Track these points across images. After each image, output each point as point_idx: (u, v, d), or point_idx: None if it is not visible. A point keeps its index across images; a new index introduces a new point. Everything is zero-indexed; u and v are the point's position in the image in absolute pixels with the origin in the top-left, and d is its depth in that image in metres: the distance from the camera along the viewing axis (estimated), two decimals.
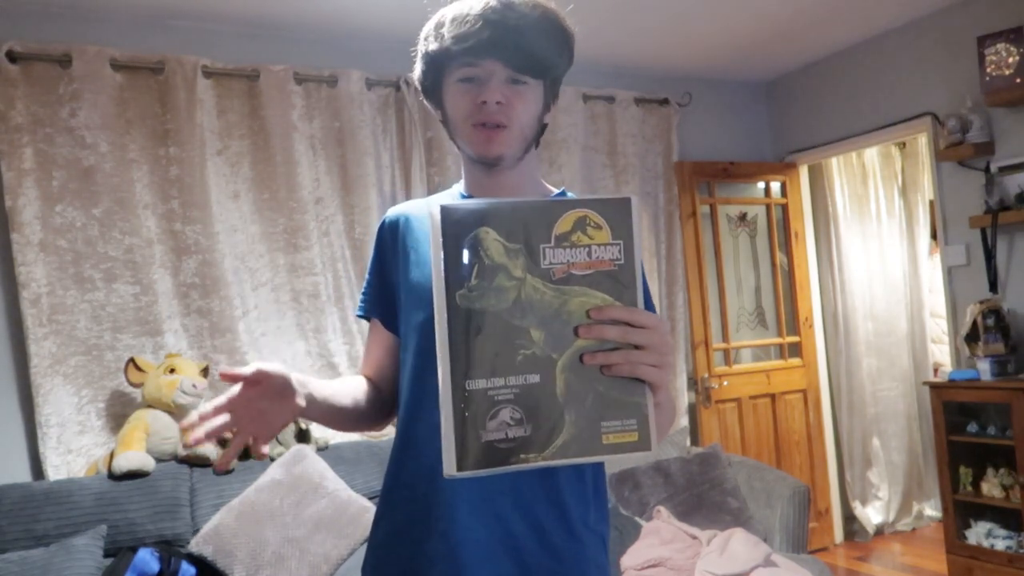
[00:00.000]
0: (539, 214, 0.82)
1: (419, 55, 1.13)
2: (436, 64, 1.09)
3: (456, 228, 0.80)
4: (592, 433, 0.82)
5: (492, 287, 0.81)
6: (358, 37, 3.24)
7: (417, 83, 1.16)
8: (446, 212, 0.81)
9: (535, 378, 0.81)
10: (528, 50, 1.04)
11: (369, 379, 1.19)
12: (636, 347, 0.82)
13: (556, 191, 1.20)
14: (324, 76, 3.13)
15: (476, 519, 1.02)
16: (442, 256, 0.80)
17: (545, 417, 0.81)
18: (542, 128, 1.15)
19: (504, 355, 0.81)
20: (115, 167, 2.77)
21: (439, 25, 1.08)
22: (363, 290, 1.22)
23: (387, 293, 1.18)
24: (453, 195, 1.21)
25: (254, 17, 2.99)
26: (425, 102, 1.18)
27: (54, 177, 2.68)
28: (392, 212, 1.20)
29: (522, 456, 0.81)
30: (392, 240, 1.17)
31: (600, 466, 1.13)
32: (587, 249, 0.82)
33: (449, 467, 0.80)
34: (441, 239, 0.80)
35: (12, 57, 2.63)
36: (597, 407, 0.82)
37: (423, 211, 1.17)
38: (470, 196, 1.17)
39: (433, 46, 1.08)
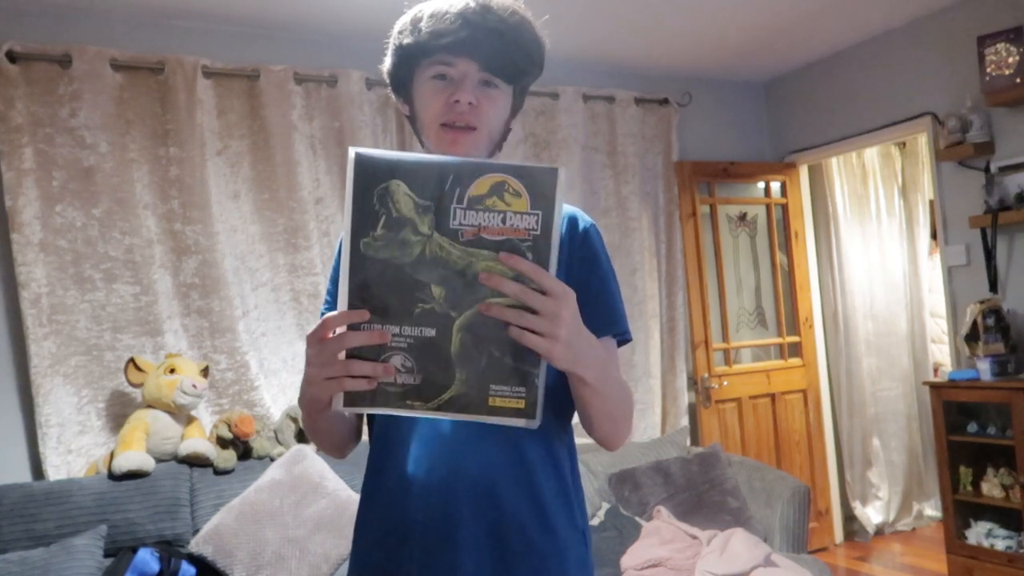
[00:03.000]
0: (455, 173, 0.82)
1: (391, 48, 1.12)
2: (409, 58, 1.09)
3: (367, 177, 0.82)
4: (480, 393, 0.84)
5: (397, 239, 0.82)
6: (358, 37, 3.23)
7: (386, 76, 1.16)
8: (360, 159, 0.81)
9: (431, 332, 0.83)
10: (504, 54, 1.05)
11: None
12: (533, 312, 0.82)
13: None
14: (324, 76, 3.13)
15: (455, 519, 1.02)
16: (350, 201, 0.82)
17: (435, 370, 0.84)
18: (506, 133, 1.16)
19: (402, 305, 0.83)
20: (115, 167, 2.77)
21: (416, 20, 1.07)
22: (326, 302, 1.19)
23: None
24: None
25: (254, 17, 2.99)
26: (392, 96, 1.17)
27: (54, 177, 2.68)
28: None
29: (408, 402, 0.84)
30: None
31: (575, 461, 1.13)
32: (501, 215, 0.81)
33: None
34: (352, 185, 0.82)
35: (12, 57, 2.63)
36: (489, 369, 0.84)
37: None
38: None
39: (408, 40, 1.08)
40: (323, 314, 1.16)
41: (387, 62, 1.14)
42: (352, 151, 0.82)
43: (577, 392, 0.97)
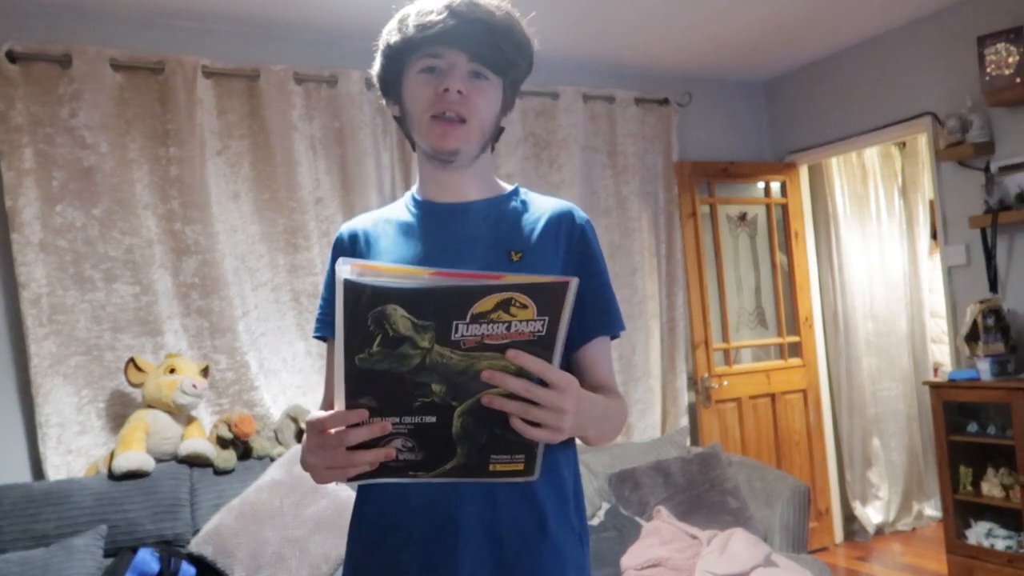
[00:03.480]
0: (457, 298, 0.80)
1: (379, 50, 1.13)
2: (397, 56, 1.09)
3: (359, 303, 0.79)
4: (480, 462, 0.86)
5: (395, 353, 0.81)
6: (358, 37, 3.23)
7: (375, 78, 1.16)
8: (350, 287, 0.78)
9: (431, 419, 0.84)
10: (492, 44, 1.05)
11: None
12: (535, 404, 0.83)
13: (509, 188, 1.20)
14: (324, 76, 3.13)
15: (454, 521, 1.02)
16: (341, 321, 0.79)
17: (436, 448, 0.85)
18: (499, 131, 1.16)
19: (401, 400, 0.83)
20: (115, 167, 2.77)
21: (403, 18, 1.09)
22: (320, 307, 1.18)
23: None
24: (406, 202, 1.20)
25: (254, 17, 2.99)
26: (382, 100, 1.17)
27: (54, 177, 2.68)
28: (346, 227, 1.19)
29: (410, 474, 0.87)
30: (351, 251, 1.15)
31: (575, 461, 1.14)
32: (507, 324, 0.80)
33: (341, 479, 0.89)
34: (343, 308, 0.79)
35: (12, 57, 2.63)
36: (490, 444, 0.85)
37: (376, 222, 1.18)
38: (423, 200, 1.17)
39: (395, 38, 1.09)
40: (319, 318, 1.16)
41: (376, 65, 1.15)
42: (341, 276, 0.78)
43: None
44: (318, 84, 3.13)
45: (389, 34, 1.10)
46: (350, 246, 1.16)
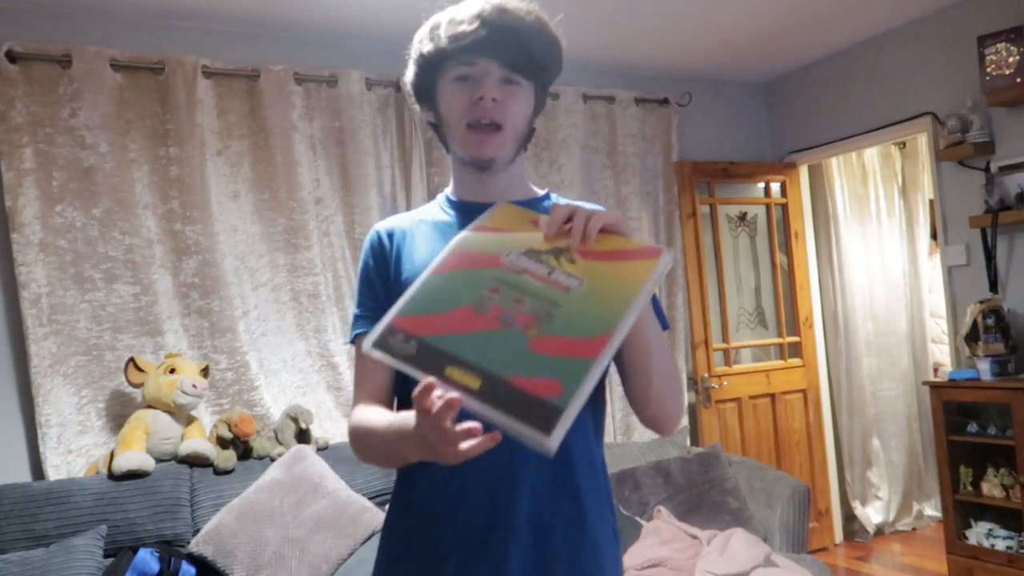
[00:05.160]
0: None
1: (412, 58, 1.14)
2: (431, 65, 1.11)
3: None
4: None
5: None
6: (358, 37, 3.24)
7: (409, 87, 1.18)
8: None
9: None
10: (523, 50, 1.07)
11: (380, 407, 1.11)
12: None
13: (541, 193, 1.22)
14: (324, 76, 3.13)
15: (498, 515, 1.02)
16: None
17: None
18: (531, 133, 1.17)
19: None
20: (115, 167, 2.77)
21: (434, 27, 1.10)
22: (357, 309, 1.15)
23: (391, 302, 1.13)
24: (439, 203, 1.20)
25: (254, 17, 2.99)
26: (416, 107, 1.18)
27: (54, 177, 2.68)
28: (382, 226, 1.18)
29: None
30: (389, 247, 1.14)
31: (604, 458, 1.15)
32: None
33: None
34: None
35: (12, 57, 2.63)
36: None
37: (411, 222, 1.18)
38: (458, 201, 1.18)
39: (428, 47, 1.10)
40: (357, 316, 1.14)
41: (409, 73, 1.16)
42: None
43: (633, 360, 1.03)
44: (318, 84, 3.13)
45: (421, 43, 1.12)
46: (388, 243, 1.15)
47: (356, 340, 1.13)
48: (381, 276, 1.14)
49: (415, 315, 0.85)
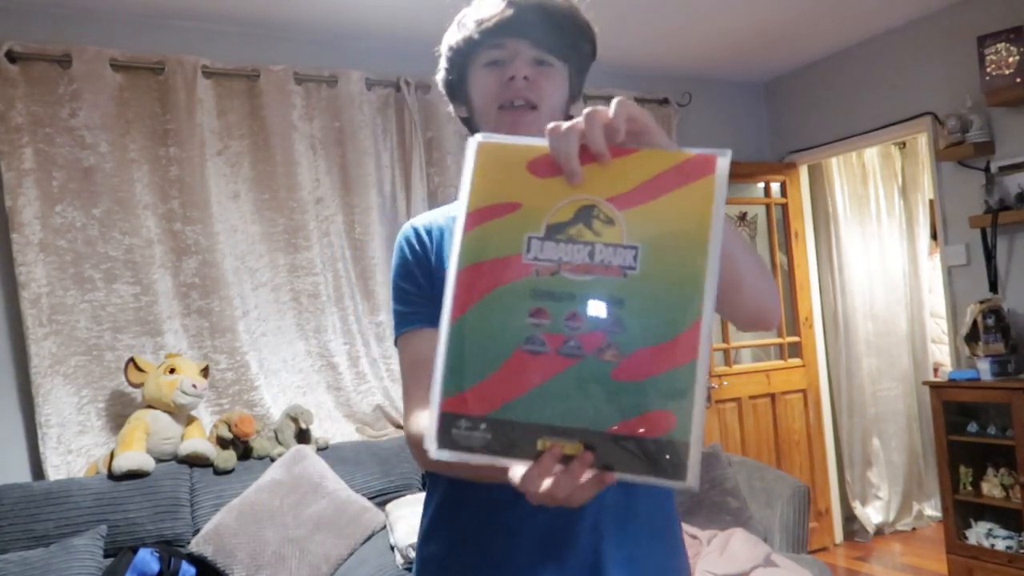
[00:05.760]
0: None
1: (442, 55, 1.11)
2: (460, 55, 1.07)
3: None
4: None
5: None
6: (358, 37, 3.24)
7: (441, 85, 1.13)
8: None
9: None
10: (552, 28, 1.03)
11: None
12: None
13: None
14: (324, 76, 3.13)
15: (552, 530, 0.97)
16: None
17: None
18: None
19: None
20: (115, 167, 2.77)
21: (461, 20, 1.08)
22: (399, 305, 1.06)
23: (437, 294, 0.98)
24: None
25: (254, 17, 2.99)
26: (451, 107, 1.14)
27: (54, 177, 2.68)
28: (418, 221, 1.11)
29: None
30: (429, 242, 1.07)
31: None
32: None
33: None
34: None
35: (12, 57, 2.63)
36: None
37: (447, 219, 1.09)
38: None
39: (456, 38, 1.07)
40: (400, 313, 1.05)
41: (440, 71, 1.12)
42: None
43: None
44: (318, 84, 3.13)
45: (450, 37, 1.10)
46: (427, 238, 1.07)
47: (401, 339, 1.05)
48: (423, 267, 1.05)
49: (463, 389, 0.67)
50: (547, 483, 0.65)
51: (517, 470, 0.67)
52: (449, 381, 0.67)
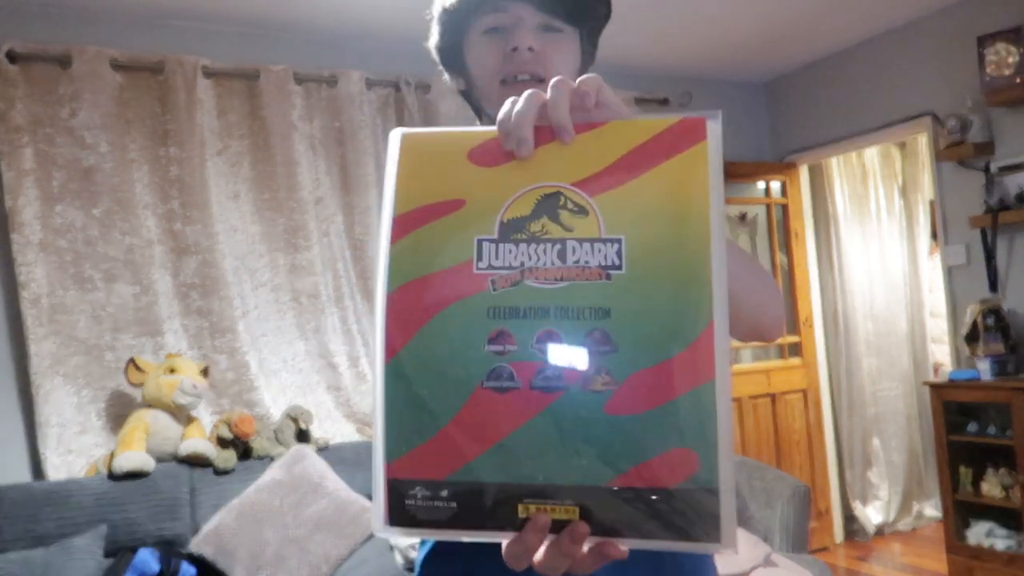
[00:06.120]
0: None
1: (435, 19, 0.96)
2: (456, 19, 0.92)
3: None
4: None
5: None
6: (358, 37, 3.24)
7: (434, 51, 0.99)
8: None
9: None
10: None
11: None
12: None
13: None
14: (324, 76, 3.13)
15: None
16: None
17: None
18: None
19: None
20: (115, 167, 2.77)
21: None
22: None
23: None
24: None
25: (254, 17, 2.99)
26: (445, 75, 1.01)
27: (54, 177, 2.68)
28: None
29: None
30: None
31: None
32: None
33: None
34: None
35: (12, 57, 2.63)
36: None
37: None
38: None
39: (451, 1, 0.92)
40: None
41: (433, 35, 0.97)
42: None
43: None
44: (318, 84, 3.13)
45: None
46: None
47: None
48: None
49: (413, 446, 0.51)
50: (539, 558, 0.51)
51: (502, 544, 0.52)
52: (393, 440, 0.51)
